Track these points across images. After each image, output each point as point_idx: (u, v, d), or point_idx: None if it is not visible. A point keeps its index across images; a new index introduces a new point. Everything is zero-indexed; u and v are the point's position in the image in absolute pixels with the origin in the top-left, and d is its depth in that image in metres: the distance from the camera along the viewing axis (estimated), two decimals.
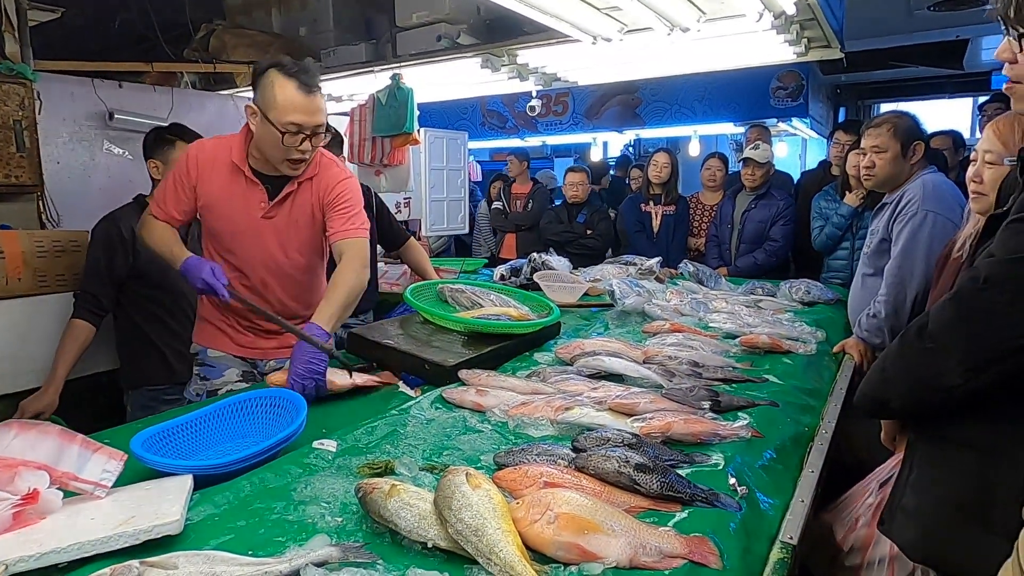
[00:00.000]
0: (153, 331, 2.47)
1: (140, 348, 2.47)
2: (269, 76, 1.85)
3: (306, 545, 1.00)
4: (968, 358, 1.02)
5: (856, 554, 1.60)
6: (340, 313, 1.88)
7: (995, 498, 1.03)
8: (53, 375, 2.27)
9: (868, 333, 2.37)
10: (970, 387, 1.02)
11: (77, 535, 0.98)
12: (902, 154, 2.44)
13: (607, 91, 7.09)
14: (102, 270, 2.37)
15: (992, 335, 0.99)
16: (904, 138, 2.43)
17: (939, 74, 6.77)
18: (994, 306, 0.99)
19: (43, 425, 1.13)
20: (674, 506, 1.14)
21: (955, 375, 1.02)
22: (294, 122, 1.84)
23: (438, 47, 3.72)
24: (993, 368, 1.00)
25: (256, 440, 1.42)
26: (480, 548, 0.94)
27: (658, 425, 1.41)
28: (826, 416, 1.74)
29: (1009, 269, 0.99)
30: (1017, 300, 0.97)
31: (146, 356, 2.47)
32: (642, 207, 4.48)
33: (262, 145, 1.93)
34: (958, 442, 1.11)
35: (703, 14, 2.83)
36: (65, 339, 2.30)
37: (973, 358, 1.01)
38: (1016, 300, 0.97)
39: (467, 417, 1.55)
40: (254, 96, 1.92)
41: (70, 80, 3.29)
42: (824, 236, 3.59)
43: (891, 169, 2.46)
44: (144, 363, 2.47)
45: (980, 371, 1.01)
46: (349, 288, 1.90)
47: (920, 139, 2.46)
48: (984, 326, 1.00)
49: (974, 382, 1.01)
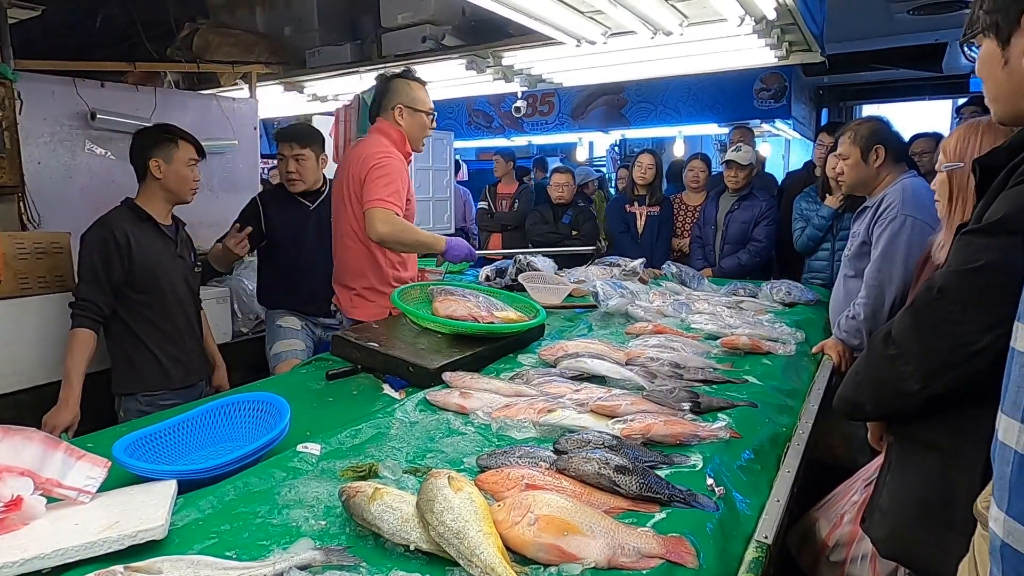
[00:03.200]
0: (148, 336, 2.41)
1: (135, 353, 2.41)
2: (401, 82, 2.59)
3: (290, 549, 1.01)
4: (924, 364, 1.05)
5: (841, 550, 1.65)
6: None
7: (956, 498, 1.07)
8: (70, 389, 2.20)
9: (847, 334, 2.41)
10: (928, 392, 1.05)
11: (61, 541, 0.98)
12: (863, 159, 2.47)
13: (593, 91, 7.13)
14: (99, 276, 2.30)
15: (946, 343, 1.03)
16: (863, 144, 2.47)
17: (919, 76, 6.88)
18: (948, 315, 1.02)
19: (27, 431, 1.13)
20: (653, 507, 1.17)
21: (913, 381, 1.06)
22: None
23: (423, 48, 3.72)
24: (948, 374, 1.03)
25: (240, 444, 1.42)
26: (462, 550, 0.96)
27: (639, 427, 1.43)
28: (803, 416, 1.78)
29: (961, 279, 1.02)
30: (969, 309, 1.00)
31: (141, 361, 2.41)
32: (627, 208, 4.51)
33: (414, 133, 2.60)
34: (925, 444, 1.15)
35: (685, 18, 2.87)
36: (74, 351, 2.23)
37: (929, 364, 1.05)
38: (968, 309, 1.00)
39: (451, 419, 1.57)
40: (391, 101, 2.57)
41: (51, 80, 3.25)
42: (805, 237, 3.63)
43: (854, 174, 2.50)
44: (140, 368, 2.41)
45: (936, 377, 1.04)
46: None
47: (882, 143, 2.49)
48: (939, 334, 1.04)
49: (931, 387, 1.05)
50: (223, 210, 3.86)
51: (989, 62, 1.08)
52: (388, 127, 2.57)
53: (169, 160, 2.40)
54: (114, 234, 2.33)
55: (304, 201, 3.02)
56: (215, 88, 4.41)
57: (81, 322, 2.28)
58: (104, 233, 2.32)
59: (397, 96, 2.57)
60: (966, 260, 1.01)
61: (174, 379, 2.45)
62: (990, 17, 1.05)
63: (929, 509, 1.13)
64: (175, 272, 2.48)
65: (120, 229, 2.34)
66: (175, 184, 2.44)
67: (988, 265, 0.98)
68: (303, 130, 3.08)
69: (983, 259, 0.98)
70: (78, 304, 2.30)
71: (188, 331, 2.54)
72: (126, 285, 2.35)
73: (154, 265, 2.40)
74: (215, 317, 3.13)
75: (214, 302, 3.15)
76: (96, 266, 2.30)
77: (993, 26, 1.05)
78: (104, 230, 2.33)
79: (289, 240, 2.97)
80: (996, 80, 1.07)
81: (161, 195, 2.45)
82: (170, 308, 2.46)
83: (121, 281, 2.34)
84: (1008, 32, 1.03)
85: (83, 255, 2.34)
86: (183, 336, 2.51)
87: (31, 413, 2.17)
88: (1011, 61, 1.04)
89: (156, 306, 2.43)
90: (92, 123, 3.34)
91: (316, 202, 3.04)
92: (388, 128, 2.57)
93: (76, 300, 2.31)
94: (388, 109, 2.57)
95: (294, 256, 2.96)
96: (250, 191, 3.96)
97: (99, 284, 2.31)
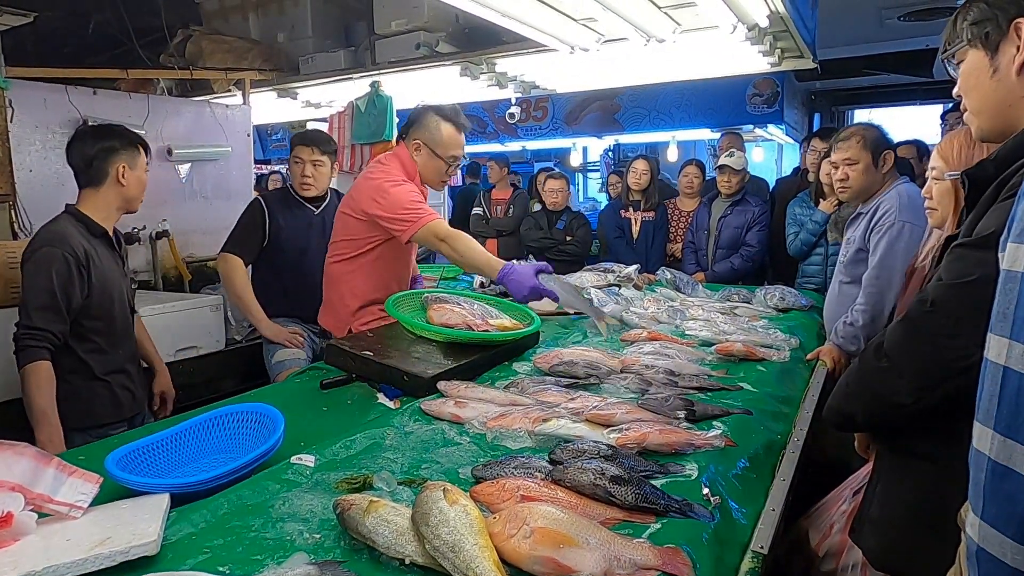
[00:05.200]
0: (99, 366, 2.19)
1: (84, 384, 2.15)
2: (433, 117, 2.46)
3: (284, 564, 1.00)
4: (917, 378, 1.05)
5: (830, 559, 1.64)
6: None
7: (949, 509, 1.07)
8: (51, 428, 1.97)
9: (844, 340, 2.42)
10: (920, 405, 1.06)
11: (52, 558, 0.98)
12: (874, 164, 2.50)
13: (587, 97, 7.15)
14: (57, 302, 2.01)
15: (938, 356, 1.03)
16: (874, 148, 2.49)
17: (910, 81, 6.93)
18: (940, 328, 1.02)
19: (18, 446, 1.12)
20: (648, 517, 1.16)
21: (906, 394, 1.06)
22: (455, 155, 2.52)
23: (417, 55, 3.73)
24: (941, 388, 1.03)
25: (233, 456, 1.42)
26: (457, 564, 0.95)
27: (634, 436, 1.43)
28: (798, 424, 1.78)
29: (954, 293, 1.02)
30: (962, 323, 1.00)
31: (92, 394, 2.18)
32: (621, 213, 4.52)
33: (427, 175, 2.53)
34: (918, 455, 1.15)
35: (678, 25, 2.88)
36: (41, 387, 1.97)
37: (922, 378, 1.05)
38: (961, 323, 1.00)
39: (445, 430, 1.56)
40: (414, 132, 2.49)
41: (43, 87, 3.24)
42: (799, 242, 3.65)
43: (864, 180, 2.51)
44: (90, 401, 2.18)
45: (928, 390, 1.05)
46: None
47: (889, 148, 2.52)
48: (931, 348, 1.04)
49: (924, 400, 1.05)
50: (216, 217, 3.86)
51: (976, 73, 1.09)
52: (404, 155, 2.50)
53: (134, 166, 2.20)
54: (75, 253, 2.05)
55: (309, 206, 3.03)
56: (208, 95, 4.40)
57: (39, 354, 1.98)
58: (63, 251, 2.04)
59: (421, 130, 2.47)
60: (959, 274, 1.02)
61: (125, 409, 2.27)
62: (977, 28, 1.07)
63: (921, 520, 1.13)
64: (123, 292, 2.28)
65: (79, 246, 2.08)
66: (136, 192, 2.24)
67: (981, 279, 0.98)
68: (324, 136, 3.08)
69: (976, 273, 0.99)
70: (31, 334, 1.98)
71: (133, 357, 2.36)
72: (81, 311, 2.10)
73: (110, 287, 2.18)
74: (209, 325, 3.12)
75: (207, 309, 3.13)
76: (54, 290, 2.01)
77: (981, 36, 1.06)
78: (63, 247, 2.04)
79: (293, 244, 2.96)
80: (982, 91, 1.08)
81: (116, 203, 2.22)
82: (119, 333, 2.25)
83: (79, 307, 2.08)
84: (997, 41, 1.04)
85: (35, 276, 2.02)
86: (132, 361, 2.34)
87: (25, 424, 2.07)
88: (1000, 70, 1.05)
89: (107, 333, 2.20)
90: None
91: (320, 208, 3.04)
92: (404, 156, 2.50)
93: (28, 329, 1.99)
94: (410, 140, 2.50)
95: (297, 261, 2.96)
96: (244, 198, 3.94)
97: (57, 311, 2.02)
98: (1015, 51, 1.01)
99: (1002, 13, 1.03)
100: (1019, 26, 1.01)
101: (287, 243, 2.96)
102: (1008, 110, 1.06)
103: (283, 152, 8.78)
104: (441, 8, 3.62)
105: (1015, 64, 1.02)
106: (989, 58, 1.06)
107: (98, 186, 2.19)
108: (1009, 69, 1.03)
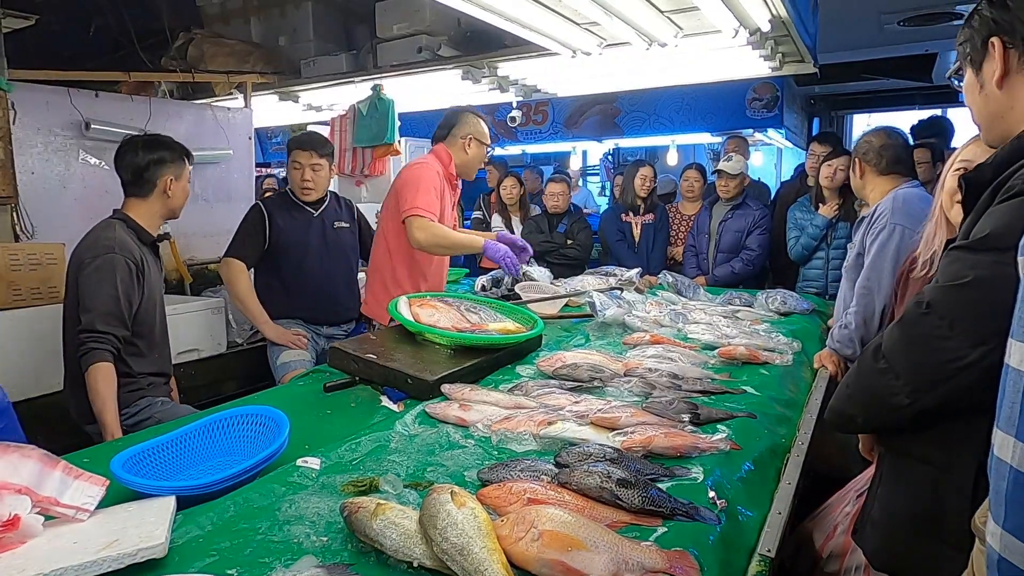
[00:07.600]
0: (136, 366, 2.21)
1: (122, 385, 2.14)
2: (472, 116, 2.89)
3: (292, 566, 1.00)
4: (914, 379, 1.05)
5: (834, 561, 1.64)
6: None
7: (947, 511, 1.07)
8: (106, 429, 2.00)
9: (840, 344, 2.42)
10: (917, 407, 1.06)
11: (60, 560, 0.97)
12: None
13: (586, 101, 7.15)
14: (120, 308, 2.07)
15: (934, 358, 1.03)
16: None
17: (910, 86, 6.95)
18: (936, 330, 1.03)
19: (25, 448, 1.12)
20: (655, 520, 1.16)
21: (903, 395, 1.06)
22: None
23: (419, 59, 3.74)
24: (937, 389, 1.03)
25: (239, 458, 1.41)
26: (466, 567, 0.95)
27: (639, 439, 1.43)
28: (802, 427, 1.78)
29: (949, 295, 1.03)
30: (957, 324, 1.00)
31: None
32: (623, 217, 4.53)
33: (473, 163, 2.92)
34: (916, 457, 1.16)
35: (680, 30, 2.89)
36: (102, 389, 2.00)
37: (917, 379, 1.05)
38: (956, 324, 1.01)
39: (450, 432, 1.56)
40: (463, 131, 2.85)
41: (45, 89, 3.24)
42: (800, 246, 3.66)
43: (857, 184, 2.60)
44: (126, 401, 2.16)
45: (925, 392, 1.05)
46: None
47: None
48: (927, 349, 1.04)
49: (920, 402, 1.05)
50: (217, 220, 3.87)
51: (969, 89, 1.17)
52: (442, 151, 2.83)
53: (180, 177, 2.28)
54: (135, 260, 2.13)
55: (309, 208, 3.03)
56: (209, 98, 4.41)
57: (102, 356, 2.02)
58: (125, 258, 2.10)
59: (469, 127, 2.85)
60: (954, 276, 1.02)
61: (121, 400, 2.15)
62: (962, 48, 1.16)
63: (920, 522, 1.14)
64: (163, 299, 2.34)
65: (137, 253, 2.15)
66: (181, 202, 2.32)
67: (975, 281, 0.98)
68: (320, 139, 3.09)
69: (970, 275, 0.99)
70: (95, 337, 2.02)
71: (168, 360, 2.38)
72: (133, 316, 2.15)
73: (155, 294, 2.24)
74: (210, 327, 3.12)
75: (209, 312, 3.13)
76: (118, 296, 2.07)
77: (966, 56, 1.15)
78: (124, 254, 2.10)
79: (295, 247, 2.97)
80: (977, 106, 1.17)
81: (161, 212, 2.30)
82: (158, 338, 2.30)
83: (135, 312, 2.14)
84: (980, 60, 1.12)
85: (101, 283, 2.06)
86: (167, 364, 2.36)
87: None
88: (985, 86, 1.12)
89: (147, 336, 2.23)
90: (86, 133, 3.33)
91: (319, 210, 3.05)
92: (440, 152, 2.83)
93: (93, 332, 2.03)
94: (457, 138, 2.84)
95: (298, 262, 2.97)
96: (245, 201, 3.95)
97: (119, 316, 2.07)
98: (993, 67, 1.09)
99: (978, 34, 1.11)
100: (993, 44, 1.08)
101: (288, 246, 2.96)
102: (1000, 121, 1.12)
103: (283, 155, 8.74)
104: (443, 12, 3.63)
105: (994, 79, 1.09)
106: (975, 75, 1.14)
107: (146, 196, 2.25)
108: (991, 85, 1.10)
